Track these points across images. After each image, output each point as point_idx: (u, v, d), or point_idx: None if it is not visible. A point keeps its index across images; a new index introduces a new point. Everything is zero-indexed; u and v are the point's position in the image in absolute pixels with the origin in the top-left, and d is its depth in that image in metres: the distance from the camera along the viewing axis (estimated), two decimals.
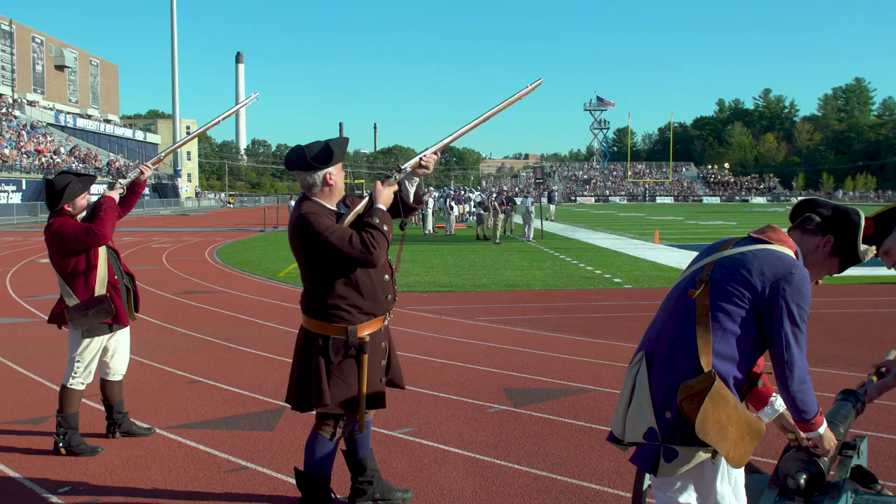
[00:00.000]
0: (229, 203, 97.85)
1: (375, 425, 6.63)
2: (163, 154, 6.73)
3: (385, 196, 4.42)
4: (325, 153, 4.37)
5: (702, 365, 2.97)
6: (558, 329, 11.30)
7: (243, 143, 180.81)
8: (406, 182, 4.60)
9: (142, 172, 6.23)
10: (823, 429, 3.10)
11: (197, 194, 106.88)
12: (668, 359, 3.07)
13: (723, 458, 3.03)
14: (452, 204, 39.24)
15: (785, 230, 3.28)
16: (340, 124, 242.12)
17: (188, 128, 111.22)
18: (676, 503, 3.15)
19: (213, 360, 9.26)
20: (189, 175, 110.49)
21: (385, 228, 4.29)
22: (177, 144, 7.27)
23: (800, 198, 3.33)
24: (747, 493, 3.33)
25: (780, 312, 2.98)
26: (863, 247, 3.25)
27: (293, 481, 5.15)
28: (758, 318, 3.02)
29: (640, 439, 3.07)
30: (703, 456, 3.00)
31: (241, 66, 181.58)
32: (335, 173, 4.41)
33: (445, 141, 4.67)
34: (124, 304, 6.19)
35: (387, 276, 4.54)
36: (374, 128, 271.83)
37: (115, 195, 6.03)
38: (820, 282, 3.36)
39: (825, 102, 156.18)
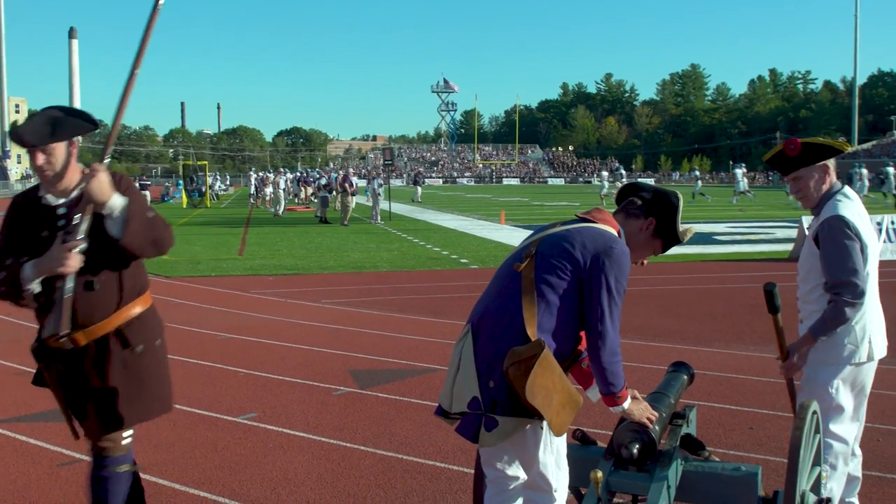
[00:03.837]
0: None
1: (218, 411, 6.52)
2: None
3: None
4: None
5: (528, 335, 3.04)
6: (404, 310, 11.37)
7: None
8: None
9: None
10: (628, 403, 3.23)
11: (28, 176, 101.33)
12: (493, 330, 3.14)
13: (544, 429, 3.12)
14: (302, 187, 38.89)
15: (611, 212, 3.41)
16: (182, 104, 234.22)
17: (17, 106, 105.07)
18: (504, 475, 3.22)
19: None
20: (19, 156, 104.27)
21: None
22: None
23: (624, 181, 3.43)
24: (582, 464, 3.44)
25: (598, 284, 3.09)
26: (681, 227, 3.42)
27: None
28: (579, 290, 3.13)
29: (465, 409, 3.13)
30: (522, 426, 3.06)
31: (75, 42, 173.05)
32: (29, 157, 3.63)
33: (110, 145, 3.91)
34: None
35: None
36: (218, 107, 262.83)
37: None
38: (645, 262, 3.52)
39: (663, 87, 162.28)
